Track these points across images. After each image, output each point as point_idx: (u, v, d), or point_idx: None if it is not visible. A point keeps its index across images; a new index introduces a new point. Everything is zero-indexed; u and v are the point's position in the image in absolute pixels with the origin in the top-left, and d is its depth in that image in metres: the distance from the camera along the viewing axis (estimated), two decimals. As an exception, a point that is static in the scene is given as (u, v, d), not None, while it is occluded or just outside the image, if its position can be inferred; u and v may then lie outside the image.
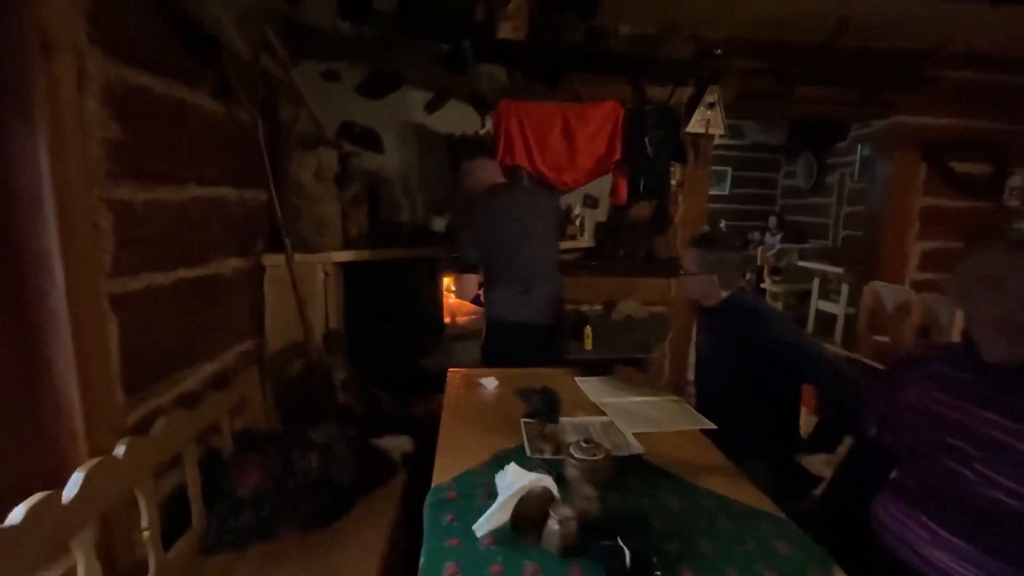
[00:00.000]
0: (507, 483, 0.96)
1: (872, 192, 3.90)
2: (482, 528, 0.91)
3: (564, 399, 1.58)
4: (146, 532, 1.14)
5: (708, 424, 1.46)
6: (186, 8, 1.48)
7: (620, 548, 0.85)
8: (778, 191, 7.45)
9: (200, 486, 1.39)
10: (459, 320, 2.91)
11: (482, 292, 2.15)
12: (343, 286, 2.36)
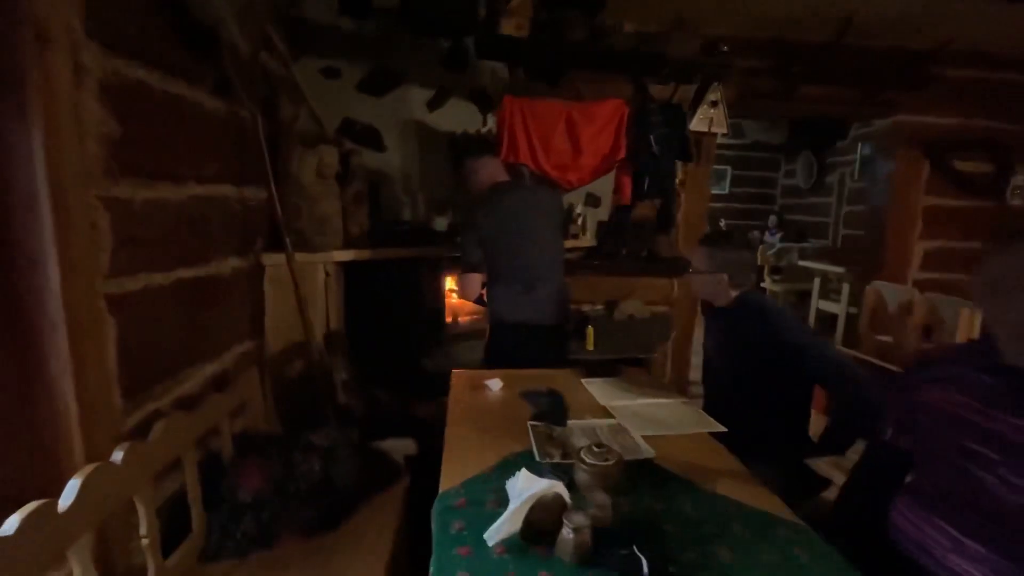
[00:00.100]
0: (518, 490, 0.93)
1: (874, 191, 3.88)
2: (493, 537, 0.89)
3: (571, 401, 1.56)
4: (145, 540, 1.11)
5: (718, 427, 1.44)
6: (185, 2, 1.45)
7: (637, 557, 0.83)
8: (778, 190, 7.45)
9: (200, 491, 1.36)
10: (461, 320, 2.88)
11: (485, 292, 2.13)
12: (344, 286, 2.33)
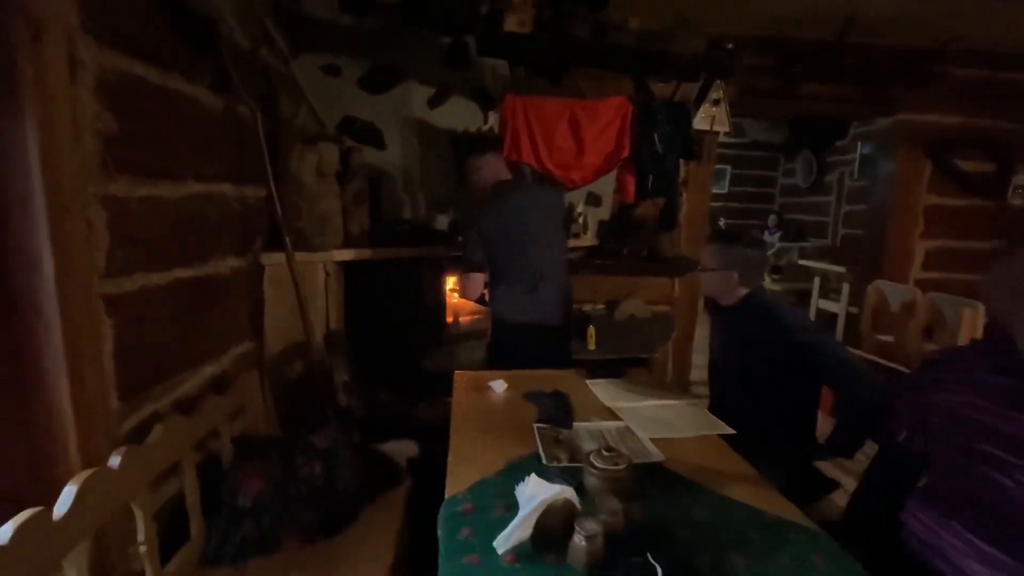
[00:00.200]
0: (528, 496, 0.91)
1: (876, 190, 3.87)
2: (503, 544, 0.86)
3: (576, 403, 1.54)
4: (143, 547, 1.08)
5: (726, 429, 1.41)
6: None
7: (651, 565, 0.80)
8: (777, 189, 7.44)
9: (199, 495, 1.33)
10: (461, 320, 2.85)
11: (487, 292, 2.10)
12: (344, 286, 2.30)
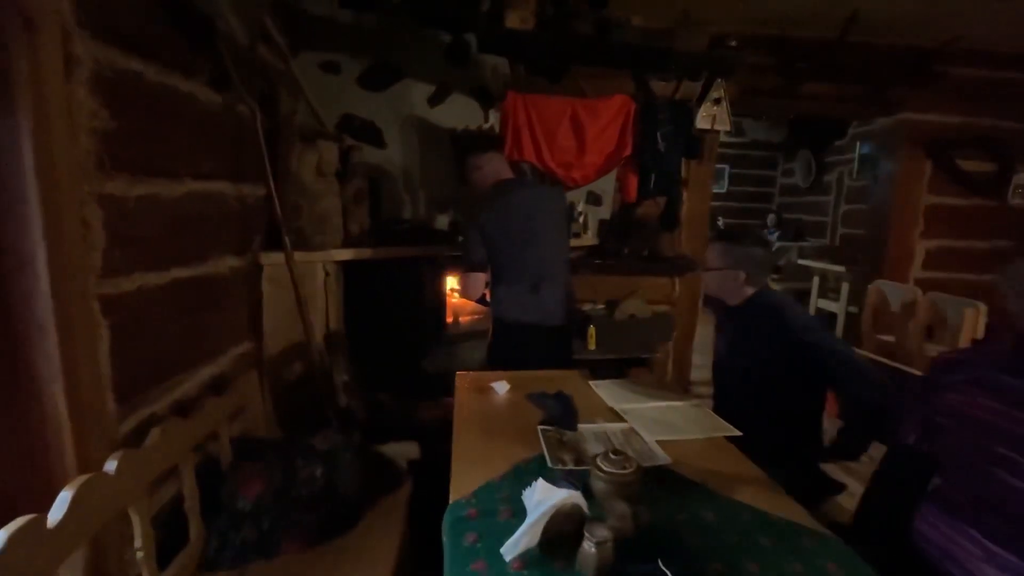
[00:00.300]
0: (535, 501, 0.89)
1: (876, 190, 3.86)
2: (510, 551, 0.84)
3: (579, 404, 1.52)
4: (140, 552, 1.06)
5: (732, 430, 1.39)
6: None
7: (662, 572, 0.79)
8: (776, 189, 7.43)
9: (197, 499, 1.31)
10: (461, 320, 2.83)
11: (488, 292, 2.08)
12: (344, 286, 2.28)
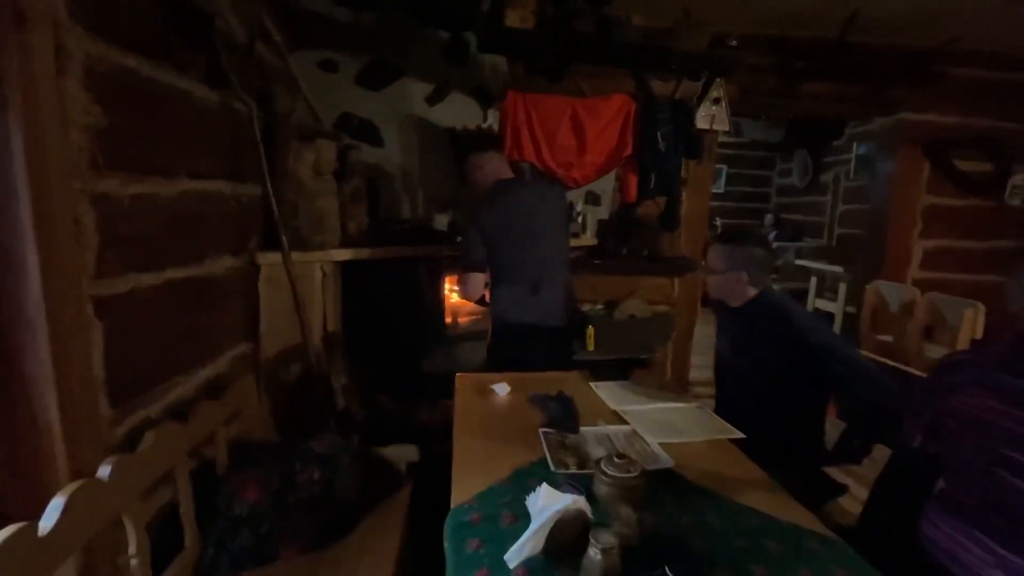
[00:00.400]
0: (539, 507, 0.87)
1: (874, 190, 3.86)
2: (514, 558, 0.83)
3: (580, 405, 1.50)
4: (134, 560, 1.03)
5: (735, 432, 1.38)
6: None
7: (670, 579, 0.77)
8: (773, 189, 7.44)
9: (193, 504, 1.29)
10: (460, 320, 2.81)
11: (487, 292, 2.06)
12: (342, 286, 2.25)
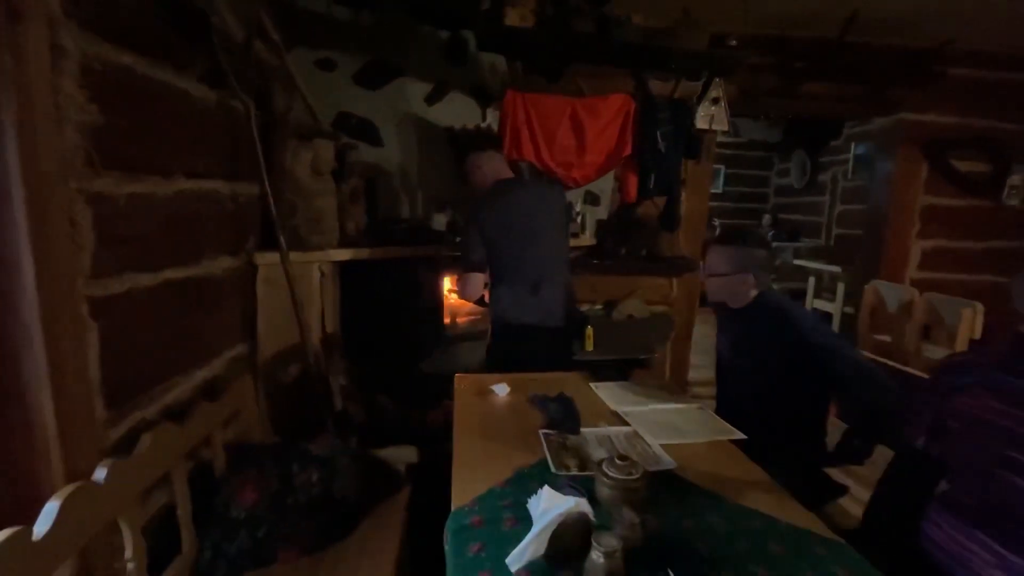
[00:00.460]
0: (542, 510, 0.87)
1: (873, 190, 3.86)
2: (516, 561, 0.82)
3: (581, 406, 1.49)
4: (130, 564, 1.02)
5: (737, 433, 1.38)
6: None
7: (674, 583, 0.76)
8: (771, 189, 7.45)
9: (190, 507, 1.27)
10: (459, 321, 2.80)
11: (487, 292, 2.05)
12: (340, 286, 2.24)
